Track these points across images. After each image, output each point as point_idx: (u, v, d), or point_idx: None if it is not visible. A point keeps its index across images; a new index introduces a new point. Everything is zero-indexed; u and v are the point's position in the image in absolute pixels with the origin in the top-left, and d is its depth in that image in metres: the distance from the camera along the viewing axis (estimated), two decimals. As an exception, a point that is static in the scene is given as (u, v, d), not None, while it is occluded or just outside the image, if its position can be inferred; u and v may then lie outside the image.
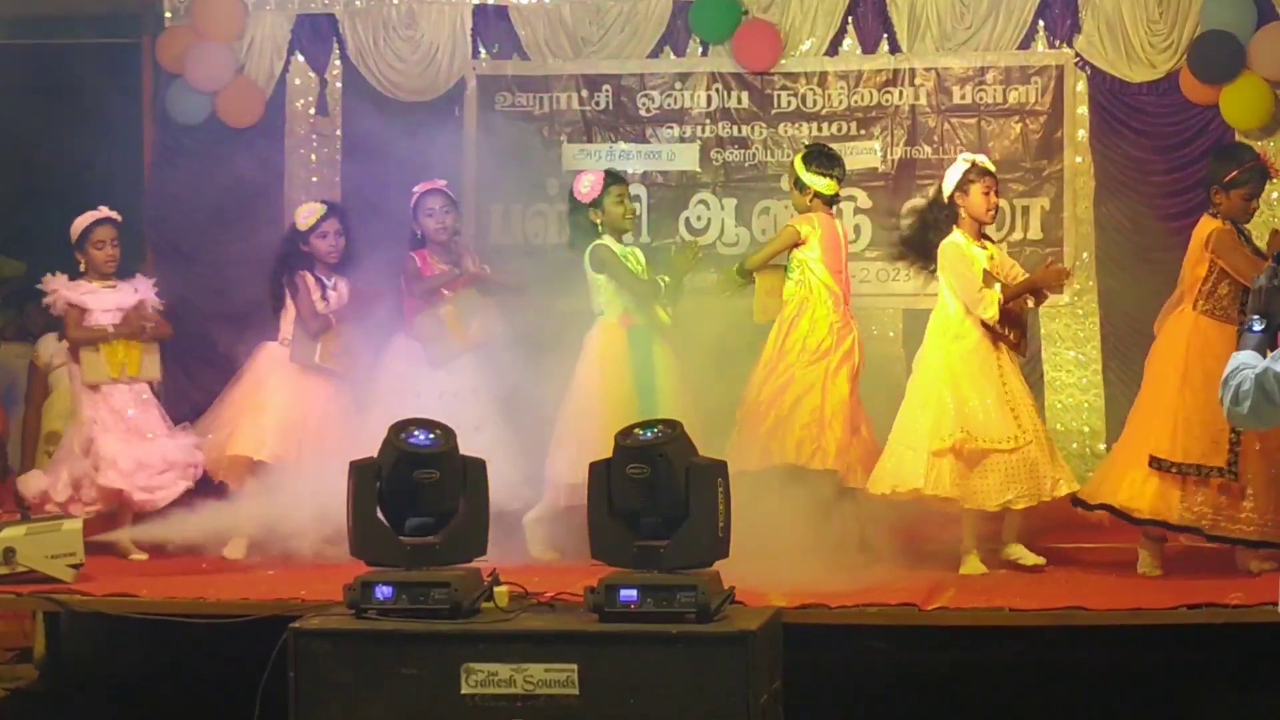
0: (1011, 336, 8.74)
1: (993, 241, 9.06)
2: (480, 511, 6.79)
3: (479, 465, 6.79)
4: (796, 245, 9.21)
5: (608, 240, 9.29)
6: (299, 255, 9.62)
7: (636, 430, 6.62)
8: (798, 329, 9.13)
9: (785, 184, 9.28)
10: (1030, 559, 8.61)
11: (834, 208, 9.49)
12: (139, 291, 9.44)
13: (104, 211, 9.35)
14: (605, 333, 9.26)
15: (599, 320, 9.32)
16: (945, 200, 8.86)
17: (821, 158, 9.34)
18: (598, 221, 9.29)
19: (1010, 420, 8.56)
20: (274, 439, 9.36)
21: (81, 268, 9.36)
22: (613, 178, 9.40)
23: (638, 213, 9.45)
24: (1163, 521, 8.28)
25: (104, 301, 9.31)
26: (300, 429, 9.41)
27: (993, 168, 8.98)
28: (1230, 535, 8.24)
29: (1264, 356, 5.18)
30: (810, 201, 9.30)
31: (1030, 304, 9.00)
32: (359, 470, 6.68)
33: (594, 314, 9.36)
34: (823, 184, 9.27)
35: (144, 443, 9.24)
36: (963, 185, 8.79)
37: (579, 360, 9.30)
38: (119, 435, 9.22)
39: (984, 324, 8.65)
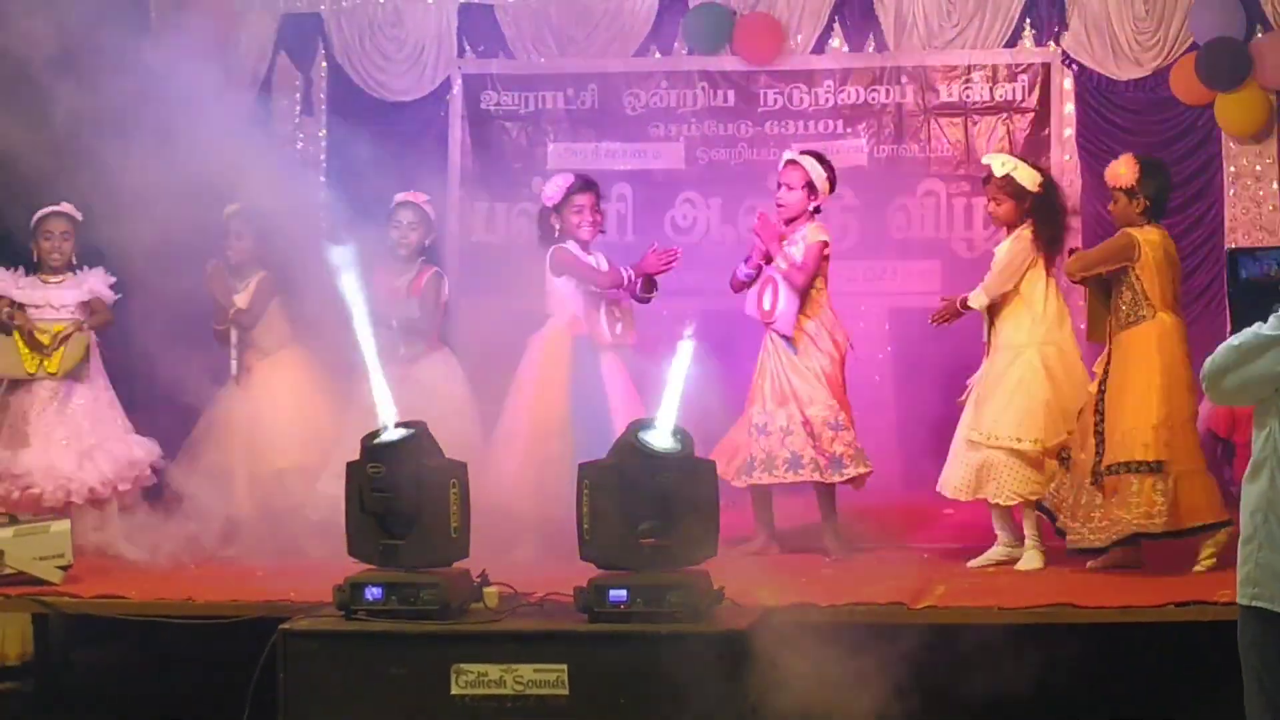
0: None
1: None
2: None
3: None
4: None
5: (569, 244, 9.13)
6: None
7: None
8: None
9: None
10: (1030, 564, 8.62)
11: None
12: (89, 284, 9.34)
13: (62, 206, 9.28)
14: (551, 337, 9.11)
15: (548, 321, 9.14)
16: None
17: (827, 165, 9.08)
18: (557, 226, 9.15)
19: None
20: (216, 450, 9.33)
21: (34, 258, 9.30)
22: (581, 185, 9.15)
23: (602, 226, 9.22)
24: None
25: (38, 297, 9.22)
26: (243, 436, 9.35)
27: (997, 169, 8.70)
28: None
29: None
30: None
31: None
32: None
33: (545, 315, 9.19)
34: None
35: (41, 449, 9.14)
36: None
37: (521, 361, 9.17)
38: (30, 437, 9.15)
39: None
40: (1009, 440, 8.50)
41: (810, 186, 8.92)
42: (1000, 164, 8.69)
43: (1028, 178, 8.61)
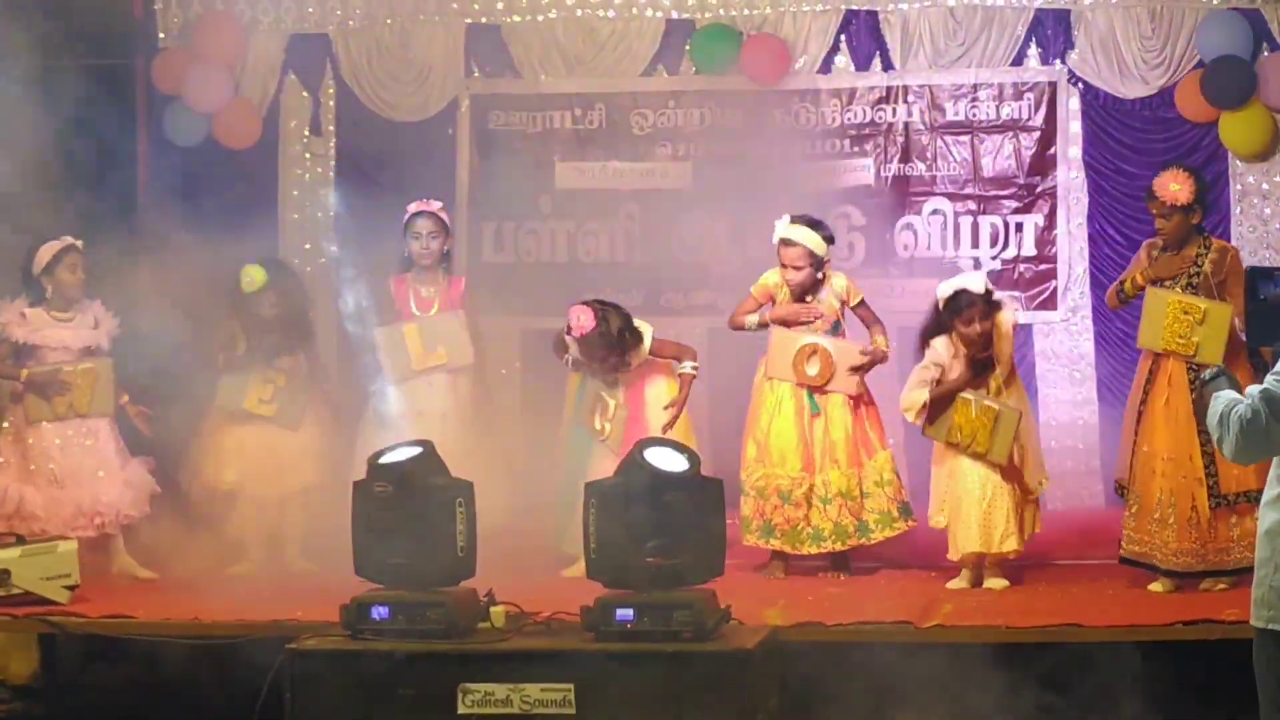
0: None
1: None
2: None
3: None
4: None
5: None
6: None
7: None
8: None
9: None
10: (992, 583, 8.61)
11: None
12: (104, 327, 9.34)
13: (69, 240, 9.25)
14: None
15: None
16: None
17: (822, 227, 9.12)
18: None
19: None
20: (244, 463, 9.31)
21: (47, 294, 9.25)
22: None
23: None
24: None
25: (55, 338, 9.22)
26: (277, 455, 9.35)
27: (975, 292, 8.66)
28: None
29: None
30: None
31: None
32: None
33: None
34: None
35: (58, 489, 9.14)
36: (949, 311, 8.76)
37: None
38: (35, 477, 9.16)
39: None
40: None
41: (813, 257, 8.98)
42: None
43: None
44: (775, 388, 9.03)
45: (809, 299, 9.06)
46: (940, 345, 8.72)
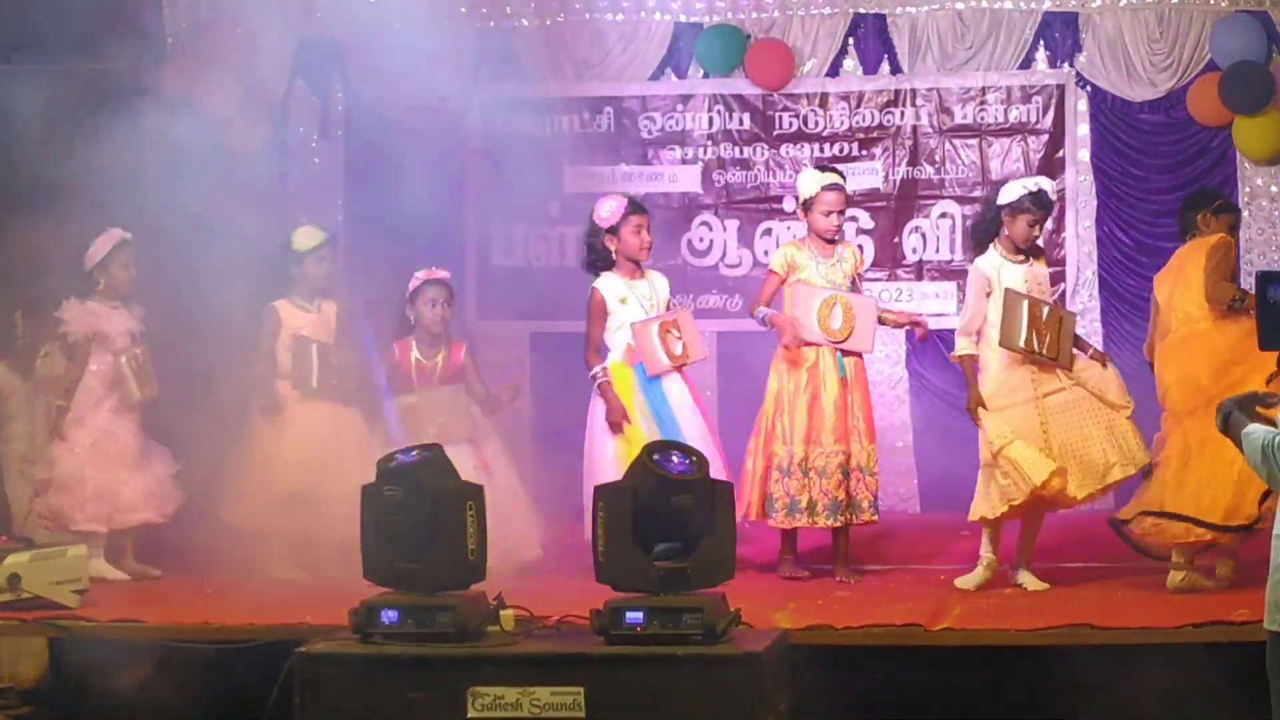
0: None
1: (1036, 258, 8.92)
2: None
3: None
4: None
5: (601, 283, 9.13)
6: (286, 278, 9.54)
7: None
8: None
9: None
10: (1033, 585, 8.58)
11: None
12: (139, 312, 9.46)
13: (123, 234, 9.36)
14: (614, 374, 9.11)
15: (607, 356, 9.15)
16: (996, 208, 8.72)
17: None
18: (613, 248, 9.15)
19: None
20: (294, 471, 9.29)
21: (100, 287, 9.34)
22: (634, 206, 9.20)
23: (652, 243, 9.28)
24: None
25: (118, 325, 9.33)
26: (319, 458, 9.32)
27: (1052, 198, 8.70)
28: None
29: None
30: None
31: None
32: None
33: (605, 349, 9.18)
34: None
35: (114, 469, 9.21)
36: (1012, 209, 8.60)
37: (592, 403, 9.16)
38: (89, 461, 9.22)
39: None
40: None
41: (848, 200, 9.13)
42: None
43: None
44: (796, 365, 8.98)
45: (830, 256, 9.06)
46: (983, 264, 8.63)
